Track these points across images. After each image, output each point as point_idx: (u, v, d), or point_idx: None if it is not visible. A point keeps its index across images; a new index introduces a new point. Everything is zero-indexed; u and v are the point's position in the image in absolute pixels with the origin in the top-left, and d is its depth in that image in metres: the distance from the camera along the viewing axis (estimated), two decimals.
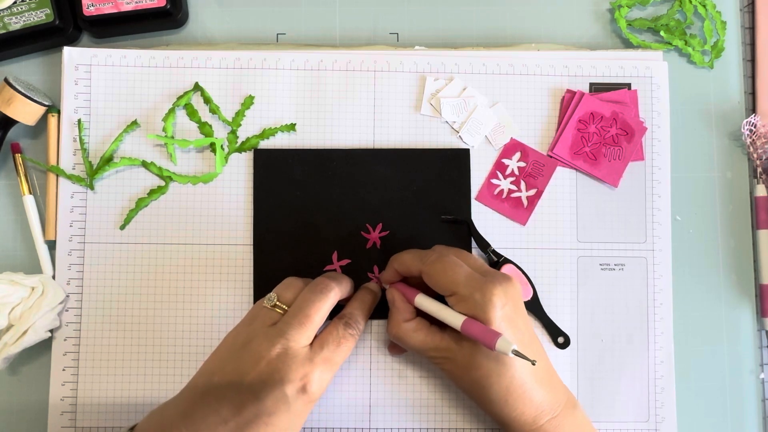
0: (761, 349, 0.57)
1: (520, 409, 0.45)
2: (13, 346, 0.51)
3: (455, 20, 0.58)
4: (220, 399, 0.43)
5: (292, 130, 0.55)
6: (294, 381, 0.43)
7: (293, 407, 0.43)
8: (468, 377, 0.46)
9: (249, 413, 0.42)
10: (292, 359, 0.43)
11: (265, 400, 0.42)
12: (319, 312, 0.45)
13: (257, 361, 0.43)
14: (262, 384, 0.43)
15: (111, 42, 0.57)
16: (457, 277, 0.46)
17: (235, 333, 0.46)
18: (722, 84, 0.58)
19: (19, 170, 0.55)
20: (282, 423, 0.43)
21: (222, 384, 0.43)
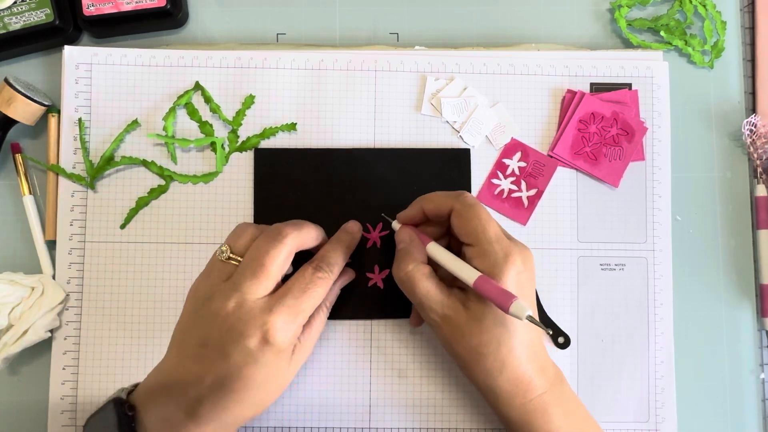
0: (761, 349, 0.57)
1: (513, 382, 0.45)
2: (13, 346, 0.51)
3: (455, 20, 0.58)
4: (193, 360, 0.43)
5: (293, 130, 0.55)
6: (253, 334, 0.42)
7: (261, 360, 0.42)
8: (467, 342, 0.44)
9: (221, 372, 0.42)
10: (247, 312, 0.42)
11: (231, 356, 0.42)
12: (274, 261, 0.43)
13: (215, 319, 0.43)
14: (224, 342, 0.42)
15: (111, 42, 0.57)
16: (489, 227, 0.45)
17: (195, 288, 0.46)
18: (722, 84, 0.58)
19: (19, 170, 0.55)
20: (256, 376, 0.42)
21: (191, 344, 0.43)
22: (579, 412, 0.47)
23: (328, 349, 0.54)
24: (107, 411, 0.43)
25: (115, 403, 0.43)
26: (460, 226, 0.46)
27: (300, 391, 0.53)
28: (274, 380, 0.44)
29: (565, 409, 0.46)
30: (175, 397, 0.43)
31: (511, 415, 0.46)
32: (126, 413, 0.42)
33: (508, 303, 0.41)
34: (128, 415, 0.42)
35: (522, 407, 0.45)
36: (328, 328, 0.54)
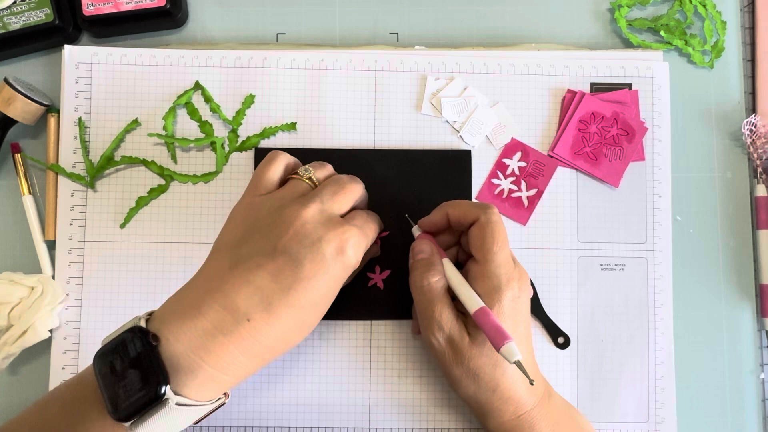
0: (761, 349, 0.57)
1: (503, 399, 0.45)
2: (13, 346, 0.51)
3: (455, 20, 0.58)
4: (253, 269, 0.40)
5: (293, 130, 0.55)
6: (332, 240, 0.41)
7: (331, 270, 0.41)
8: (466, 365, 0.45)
9: (287, 279, 0.40)
10: (327, 220, 0.42)
11: (303, 262, 0.40)
12: (353, 191, 0.45)
13: (290, 224, 0.41)
14: (298, 246, 0.40)
15: (111, 42, 0.57)
16: (502, 251, 0.45)
17: (259, 201, 0.44)
18: (722, 84, 0.58)
19: (18, 170, 0.55)
20: (321, 286, 0.41)
21: (253, 253, 0.41)
22: (566, 425, 0.48)
23: (328, 349, 0.54)
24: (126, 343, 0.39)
25: (136, 333, 0.39)
26: (478, 238, 0.46)
27: (300, 391, 0.53)
28: (326, 303, 0.43)
29: (553, 423, 0.47)
30: (215, 316, 0.39)
31: (499, 430, 0.47)
32: (150, 342, 0.38)
33: (500, 343, 0.42)
34: (152, 345, 0.38)
35: (510, 423, 0.46)
36: (328, 328, 0.54)
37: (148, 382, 0.37)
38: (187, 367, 0.38)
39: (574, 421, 0.49)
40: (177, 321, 0.39)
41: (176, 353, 0.38)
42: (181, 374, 0.38)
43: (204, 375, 0.39)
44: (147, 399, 0.37)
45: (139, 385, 0.37)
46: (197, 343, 0.38)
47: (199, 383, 0.39)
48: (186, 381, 0.38)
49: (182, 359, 0.38)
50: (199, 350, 0.38)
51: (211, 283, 0.41)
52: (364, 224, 0.45)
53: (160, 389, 0.37)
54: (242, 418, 0.53)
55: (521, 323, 0.46)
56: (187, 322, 0.39)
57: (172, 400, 0.37)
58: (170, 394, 0.37)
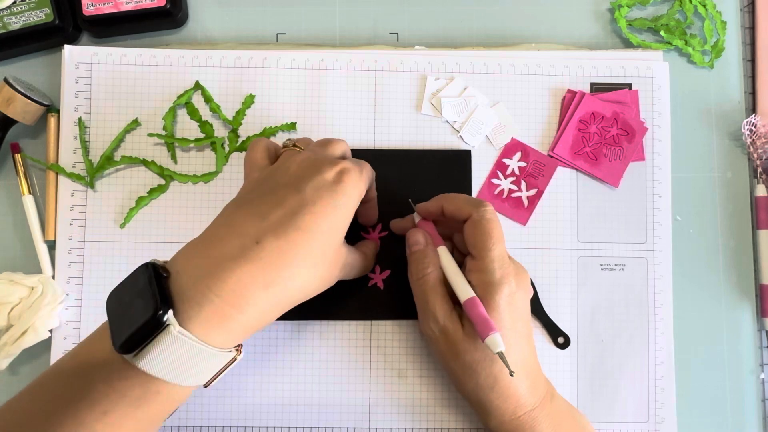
0: (761, 349, 0.57)
1: (503, 397, 0.45)
2: (13, 346, 0.51)
3: (455, 20, 0.58)
4: (260, 203, 0.41)
5: (293, 129, 0.55)
6: (329, 169, 0.42)
7: (334, 197, 0.41)
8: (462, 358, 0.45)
9: (292, 204, 0.40)
10: (324, 156, 0.44)
11: (305, 189, 0.41)
12: (339, 143, 0.46)
13: (288, 169, 0.43)
14: (298, 179, 0.42)
15: (111, 42, 0.57)
16: (496, 247, 0.45)
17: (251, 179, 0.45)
18: (722, 84, 0.58)
19: (18, 170, 0.55)
20: (327, 213, 0.41)
21: (259, 194, 0.42)
22: (569, 427, 0.48)
23: (328, 349, 0.54)
24: (136, 276, 0.39)
25: (146, 266, 0.39)
26: (471, 236, 0.46)
27: (300, 391, 0.53)
28: (335, 236, 0.42)
29: (555, 425, 0.47)
30: (225, 243, 0.39)
31: (500, 430, 0.47)
32: (159, 273, 0.38)
33: (485, 334, 0.42)
34: (162, 275, 0.38)
35: (511, 423, 0.46)
36: (328, 328, 0.54)
37: (151, 307, 0.36)
38: (193, 297, 0.37)
39: (577, 424, 0.49)
40: (187, 255, 0.40)
41: (184, 284, 0.38)
42: (188, 306, 0.37)
43: (210, 306, 0.37)
44: (146, 324, 0.36)
45: (142, 312, 0.36)
46: (205, 272, 0.38)
47: (206, 315, 0.37)
48: (193, 312, 0.37)
49: (189, 290, 0.37)
50: (206, 278, 0.38)
51: (219, 222, 0.41)
52: (356, 161, 0.45)
53: (160, 314, 0.36)
54: (242, 418, 0.53)
55: (519, 320, 0.46)
56: (197, 256, 0.39)
57: (174, 327, 0.36)
58: (172, 319, 0.36)
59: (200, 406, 0.53)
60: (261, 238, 0.39)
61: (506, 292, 0.45)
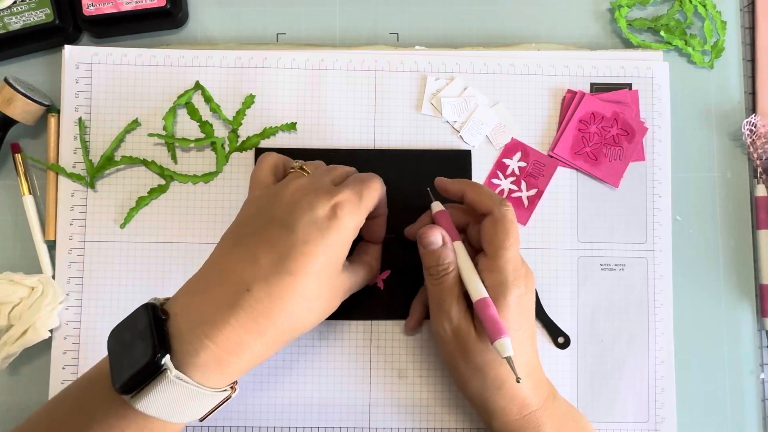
0: (761, 349, 0.57)
1: (508, 398, 0.45)
2: (13, 346, 0.51)
3: (455, 20, 0.58)
4: (253, 243, 0.41)
5: (293, 130, 0.55)
6: (323, 203, 0.41)
7: (326, 235, 0.41)
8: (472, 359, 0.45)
9: (282, 245, 0.40)
10: (318, 188, 0.43)
11: (296, 226, 0.40)
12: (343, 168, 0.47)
13: (284, 198, 0.42)
14: (290, 213, 0.41)
15: (111, 42, 0.57)
16: (512, 248, 0.45)
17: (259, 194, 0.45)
18: (722, 84, 0.58)
19: (18, 170, 0.55)
20: (319, 252, 0.40)
21: (253, 231, 0.42)
22: (570, 427, 0.48)
23: (328, 349, 0.54)
24: (136, 317, 0.40)
25: (146, 308, 0.40)
26: (490, 233, 0.46)
27: (300, 391, 0.53)
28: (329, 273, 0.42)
29: (557, 425, 0.47)
30: (218, 291, 0.40)
31: (504, 431, 0.46)
32: (159, 316, 0.39)
33: (495, 337, 0.42)
34: (161, 318, 0.39)
35: (515, 423, 0.46)
36: (328, 328, 0.54)
37: (149, 352, 0.37)
38: (191, 342, 0.38)
39: (578, 424, 0.49)
40: (186, 300, 0.41)
41: (182, 328, 0.39)
42: (186, 351, 0.38)
43: (207, 353, 0.38)
44: (145, 368, 0.37)
45: (141, 355, 0.37)
46: (201, 318, 0.39)
47: (202, 361, 0.38)
48: (190, 358, 0.38)
49: (187, 334, 0.38)
50: (202, 325, 0.39)
51: (216, 262, 0.42)
52: (359, 186, 0.44)
53: (158, 358, 0.37)
54: (242, 418, 0.53)
55: (526, 321, 0.46)
56: (194, 298, 0.40)
57: (171, 372, 0.37)
58: (170, 364, 0.37)
59: None
60: (252, 286, 0.39)
61: (516, 294, 0.45)
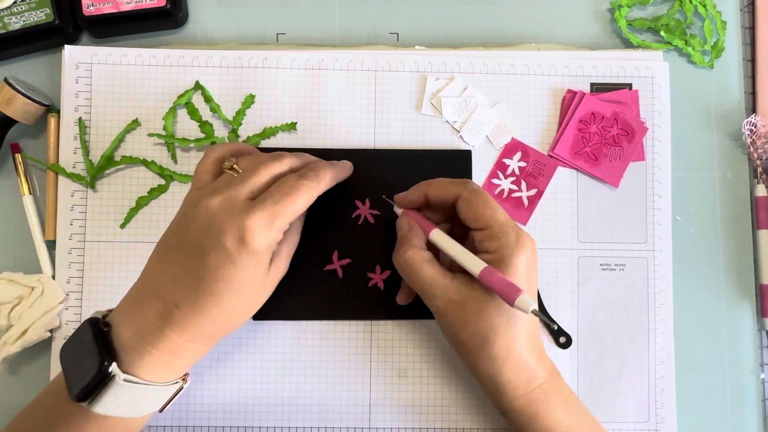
0: (761, 349, 0.57)
1: (516, 370, 0.45)
2: (13, 346, 0.51)
3: (455, 20, 0.58)
4: (171, 261, 0.43)
5: (293, 130, 0.55)
6: (230, 231, 0.41)
7: (238, 261, 0.41)
8: (473, 327, 0.44)
9: (197, 269, 0.41)
10: (228, 209, 0.42)
11: (208, 254, 0.41)
12: (268, 171, 0.44)
13: (198, 215, 0.42)
14: (201, 238, 0.42)
15: (111, 42, 0.57)
16: (498, 211, 0.45)
17: (189, 195, 0.46)
18: (722, 84, 0.58)
19: (18, 170, 0.55)
20: (233, 279, 0.41)
21: (172, 246, 0.43)
22: (577, 404, 0.48)
23: (328, 349, 0.54)
24: (82, 331, 0.42)
25: (90, 322, 0.42)
26: (469, 212, 0.45)
27: (300, 391, 0.53)
28: (250, 286, 0.43)
29: (565, 399, 0.46)
30: (151, 305, 0.42)
31: (514, 405, 0.45)
32: (101, 329, 0.42)
33: (514, 296, 0.41)
34: (103, 331, 0.42)
35: (524, 397, 0.45)
36: (328, 328, 0.54)
37: (97, 362, 0.40)
38: (134, 349, 0.42)
39: (584, 406, 0.48)
40: (125, 311, 0.43)
41: (125, 338, 0.42)
42: (131, 356, 0.41)
43: (151, 357, 0.42)
44: (96, 377, 0.40)
45: (89, 366, 0.41)
46: (141, 328, 0.42)
47: (148, 365, 0.42)
48: (137, 363, 0.42)
49: (129, 343, 0.42)
50: (142, 333, 0.42)
51: (146, 275, 0.44)
52: (278, 199, 0.43)
53: (107, 368, 0.40)
54: (242, 418, 0.53)
55: (534, 285, 0.45)
56: (132, 310, 0.43)
57: (119, 377, 0.40)
58: (117, 371, 0.41)
59: (200, 406, 0.53)
60: (179, 303, 0.42)
61: (524, 256, 0.44)
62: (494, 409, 0.53)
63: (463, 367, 0.54)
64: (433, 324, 0.54)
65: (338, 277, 0.54)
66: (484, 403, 0.54)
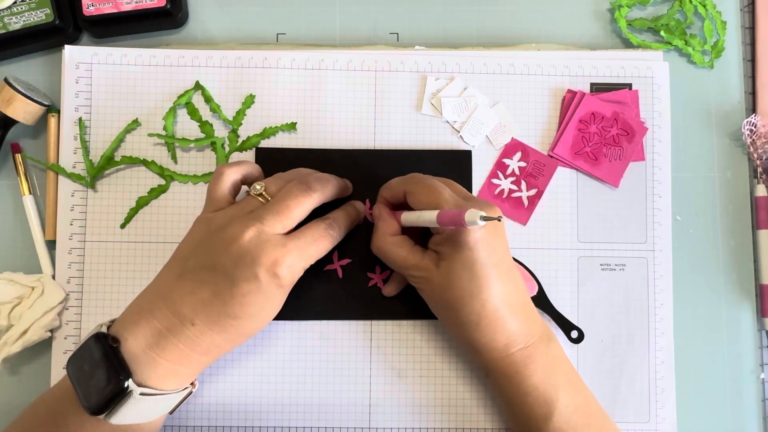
0: (761, 349, 0.57)
1: (490, 335, 0.46)
2: (13, 346, 0.51)
3: (455, 20, 0.58)
4: (196, 281, 0.44)
5: (293, 130, 0.55)
6: (265, 263, 0.43)
7: (265, 289, 0.43)
8: (443, 298, 0.46)
9: (224, 294, 0.43)
10: (264, 242, 0.44)
11: (239, 281, 0.43)
12: (299, 206, 0.46)
13: (230, 243, 0.44)
14: (234, 266, 0.43)
15: (111, 42, 0.57)
16: (441, 196, 0.46)
17: (210, 217, 0.47)
18: (722, 84, 0.58)
19: (19, 170, 0.55)
20: (257, 304, 0.44)
21: (197, 267, 0.44)
22: (565, 370, 0.48)
23: (328, 349, 0.54)
24: (90, 348, 0.43)
25: (97, 338, 0.43)
26: (418, 204, 0.47)
27: (300, 391, 0.53)
28: (269, 313, 0.46)
29: (549, 365, 0.47)
30: (165, 319, 0.43)
31: (492, 367, 0.47)
32: (110, 345, 0.43)
33: (460, 217, 0.41)
34: (113, 347, 0.43)
35: (503, 360, 0.46)
36: (328, 328, 0.54)
37: (113, 378, 0.42)
38: (146, 362, 0.43)
39: (573, 370, 0.48)
40: (134, 323, 0.44)
41: (136, 351, 0.43)
42: (142, 368, 0.43)
43: (162, 368, 0.43)
44: (114, 392, 0.41)
45: (105, 382, 0.42)
46: (152, 342, 0.43)
47: (159, 375, 0.43)
48: (148, 374, 0.43)
49: (141, 356, 0.43)
50: (154, 347, 0.43)
51: (162, 290, 0.45)
52: (309, 242, 0.46)
53: (123, 383, 0.42)
54: (242, 418, 0.53)
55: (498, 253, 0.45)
56: (143, 323, 0.44)
57: (136, 391, 0.42)
58: (133, 386, 0.42)
59: (200, 406, 0.53)
60: (196, 321, 0.43)
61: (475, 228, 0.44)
62: (494, 409, 0.53)
63: (462, 367, 0.54)
64: (433, 324, 0.54)
65: (338, 277, 0.54)
66: (484, 403, 0.54)
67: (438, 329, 0.54)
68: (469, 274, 0.45)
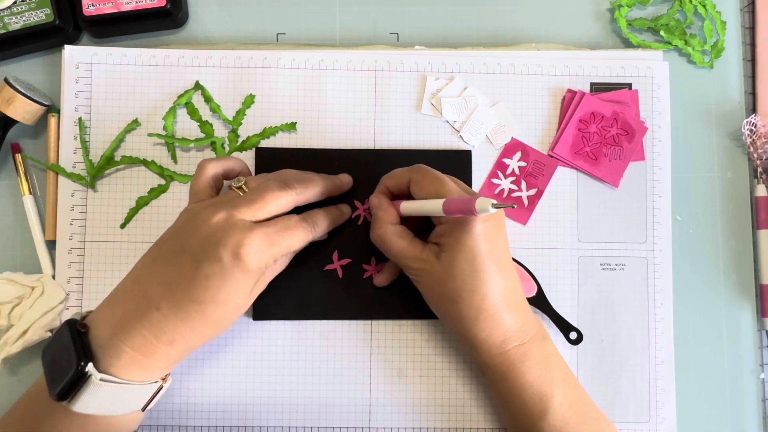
0: (761, 349, 0.57)
1: (488, 330, 0.46)
2: (13, 346, 0.51)
3: (455, 20, 0.58)
4: (165, 263, 0.44)
5: (293, 129, 0.55)
6: (229, 245, 0.43)
7: (228, 273, 0.43)
8: (442, 291, 0.46)
9: (188, 275, 0.43)
10: (231, 226, 0.44)
11: (202, 262, 0.43)
12: (274, 200, 0.46)
13: (200, 226, 0.44)
14: (200, 247, 0.43)
15: (111, 42, 0.57)
16: (446, 186, 0.46)
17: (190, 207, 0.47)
18: (722, 84, 0.58)
19: (19, 170, 0.55)
20: (221, 288, 0.43)
21: (167, 250, 0.45)
22: (559, 367, 0.48)
23: (328, 349, 0.54)
24: (61, 332, 0.44)
25: (68, 323, 0.44)
26: (421, 192, 0.47)
27: (300, 391, 0.53)
28: (233, 301, 0.44)
29: (544, 363, 0.47)
30: (133, 302, 0.44)
31: (489, 364, 0.47)
32: (78, 329, 0.43)
33: (471, 204, 0.41)
34: (80, 332, 0.43)
35: (499, 357, 0.46)
36: (328, 328, 0.54)
37: (74, 363, 0.42)
38: (110, 349, 0.43)
39: (567, 367, 0.49)
40: (105, 309, 0.45)
41: (102, 338, 0.43)
42: (107, 356, 0.43)
43: (126, 356, 0.43)
44: (74, 378, 0.41)
45: (67, 366, 0.42)
46: (117, 328, 0.43)
47: (123, 363, 0.43)
48: (111, 361, 0.43)
49: (106, 343, 0.43)
50: (119, 334, 0.43)
51: (135, 274, 0.46)
52: (278, 230, 0.45)
53: (81, 367, 0.41)
54: (242, 418, 0.53)
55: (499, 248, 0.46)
56: (112, 309, 0.44)
57: (95, 377, 0.42)
58: (93, 371, 0.42)
59: (200, 406, 0.53)
60: (161, 305, 0.43)
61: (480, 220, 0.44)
62: (494, 410, 0.53)
63: (462, 367, 0.54)
64: (433, 324, 0.54)
65: (338, 277, 0.54)
66: (484, 403, 0.54)
67: (438, 329, 0.54)
68: (471, 267, 0.45)
